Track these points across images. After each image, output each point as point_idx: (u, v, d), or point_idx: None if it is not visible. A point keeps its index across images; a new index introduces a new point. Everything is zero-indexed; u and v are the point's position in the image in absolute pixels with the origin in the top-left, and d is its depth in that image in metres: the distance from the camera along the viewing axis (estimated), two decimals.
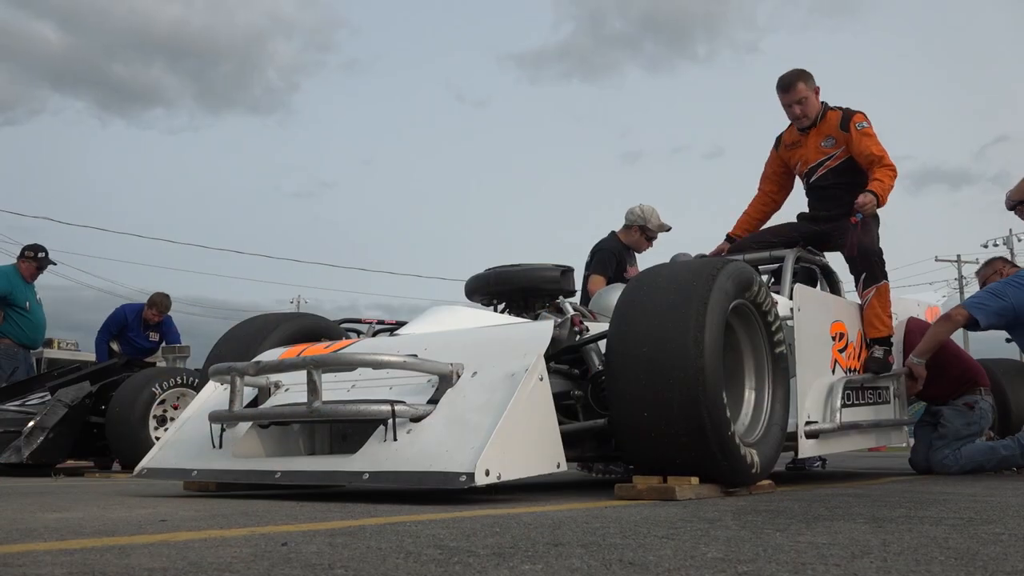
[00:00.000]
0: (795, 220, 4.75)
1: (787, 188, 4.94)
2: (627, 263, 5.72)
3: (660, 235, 5.88)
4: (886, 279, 4.49)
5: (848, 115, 4.53)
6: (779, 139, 4.85)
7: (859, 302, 4.50)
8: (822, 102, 4.62)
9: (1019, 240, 33.30)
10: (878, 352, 4.41)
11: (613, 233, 5.85)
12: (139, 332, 8.03)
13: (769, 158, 4.93)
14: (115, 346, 8.00)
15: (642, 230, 5.79)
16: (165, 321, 8.17)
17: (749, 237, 4.80)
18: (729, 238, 4.89)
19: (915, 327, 4.91)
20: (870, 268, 4.43)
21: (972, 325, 4.75)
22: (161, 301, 8.08)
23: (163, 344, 8.07)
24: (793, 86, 4.56)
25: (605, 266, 5.58)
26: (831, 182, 4.57)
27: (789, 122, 4.72)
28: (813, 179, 4.64)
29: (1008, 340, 5.24)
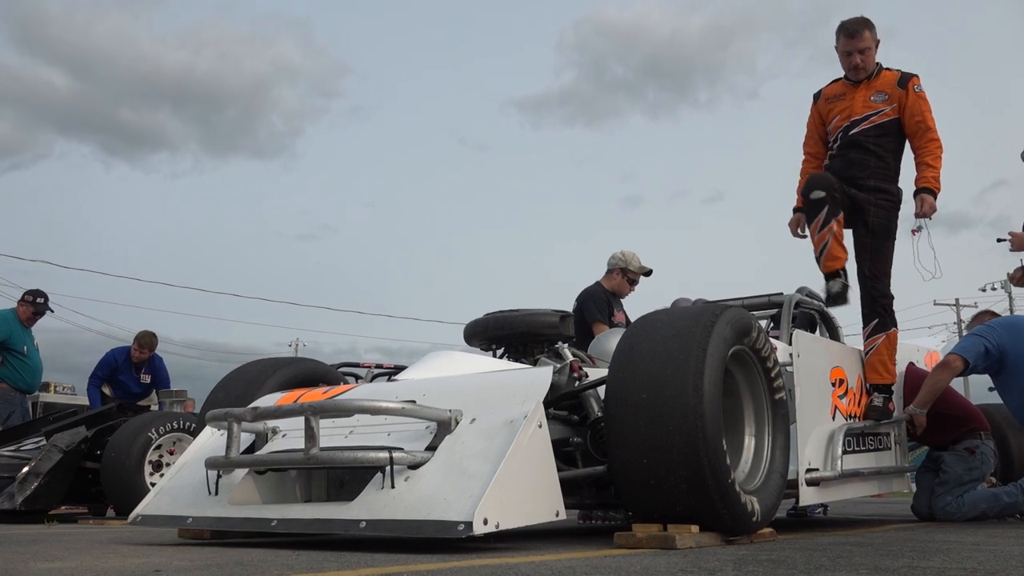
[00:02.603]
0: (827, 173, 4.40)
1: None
2: (615, 308, 5.77)
3: (666, 282, 5.95)
4: (895, 326, 4.39)
5: (907, 75, 4.34)
6: (819, 93, 4.60)
7: (861, 347, 4.47)
8: (877, 64, 4.42)
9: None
10: (878, 400, 4.37)
11: (597, 282, 5.93)
12: (130, 375, 7.95)
13: (810, 116, 4.67)
14: (107, 391, 7.94)
15: (623, 273, 5.89)
16: (154, 360, 8.07)
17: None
18: (797, 210, 4.63)
19: (915, 373, 4.90)
20: (881, 314, 4.33)
21: (964, 368, 4.76)
22: (144, 338, 7.96)
23: (156, 388, 8.00)
24: (860, 33, 4.31)
25: (601, 313, 5.62)
26: (871, 140, 4.33)
27: (830, 81, 4.53)
28: (852, 132, 4.37)
29: (991, 389, 5.25)
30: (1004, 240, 4.93)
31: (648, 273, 6.01)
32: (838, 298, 4.27)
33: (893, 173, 4.42)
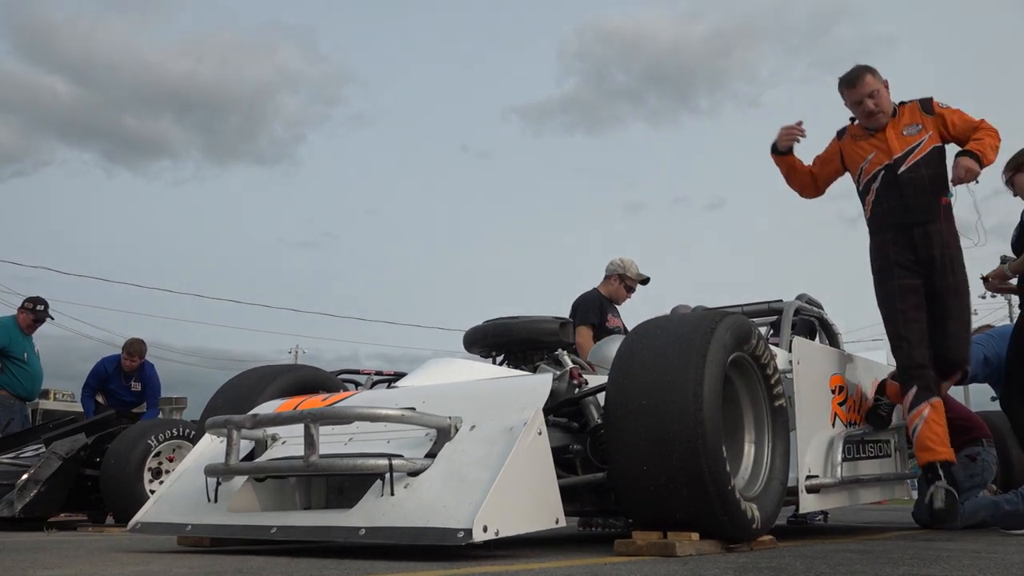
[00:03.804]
0: (888, 235, 4.06)
1: (827, 184, 4.38)
2: (608, 314, 5.81)
3: (666, 288, 5.99)
4: (938, 393, 4.00)
5: (926, 99, 4.09)
6: (843, 130, 4.28)
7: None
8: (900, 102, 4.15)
9: None
10: (884, 409, 4.30)
11: (595, 288, 6.01)
12: (120, 383, 7.84)
13: (826, 152, 4.33)
14: (100, 399, 7.89)
15: (621, 279, 5.97)
16: (145, 368, 7.94)
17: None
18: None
19: None
20: (922, 380, 3.95)
21: (963, 376, 4.76)
22: (133, 345, 7.84)
23: (147, 396, 7.92)
24: (860, 79, 4.09)
25: (588, 316, 5.68)
26: (922, 173, 4.00)
27: (855, 120, 4.24)
28: (901, 171, 4.01)
29: (993, 399, 5.25)
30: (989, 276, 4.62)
31: (645, 281, 6.07)
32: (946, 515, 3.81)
33: (952, 217, 4.09)
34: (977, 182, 4.01)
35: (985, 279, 4.67)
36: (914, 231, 3.99)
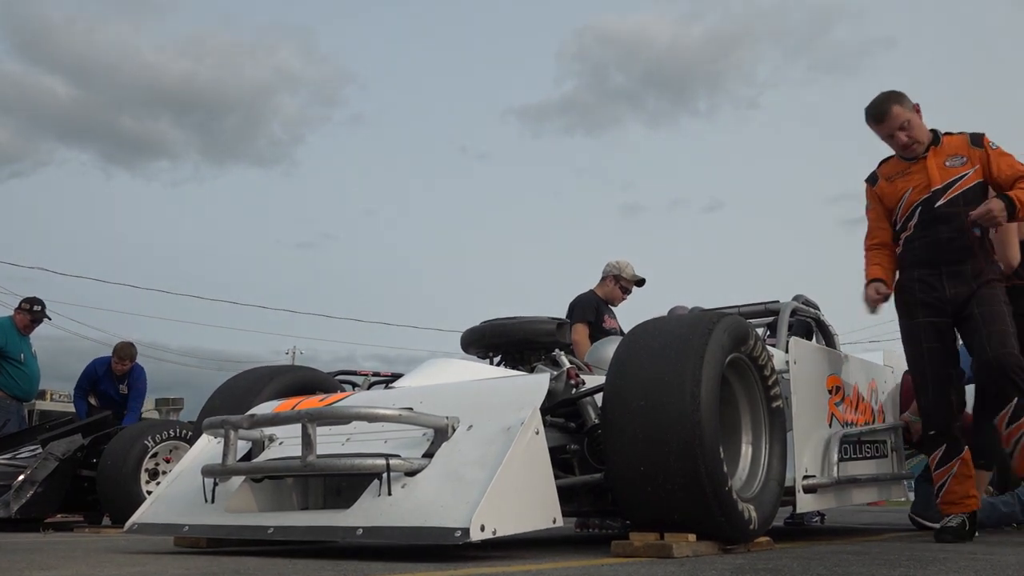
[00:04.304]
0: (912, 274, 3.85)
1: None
2: (605, 315, 5.84)
3: (664, 289, 6.02)
4: (965, 447, 3.83)
5: (977, 134, 3.81)
6: (874, 176, 4.04)
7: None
8: (933, 130, 3.88)
9: None
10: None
11: (591, 289, 6.07)
12: (111, 384, 7.79)
13: (869, 206, 4.07)
14: (93, 401, 7.87)
15: (616, 280, 6.02)
16: (134, 371, 7.87)
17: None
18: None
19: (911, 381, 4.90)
20: (950, 437, 3.79)
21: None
22: (123, 349, 7.79)
23: (131, 399, 7.88)
24: (887, 113, 3.82)
25: (585, 314, 5.72)
26: (960, 209, 3.71)
27: (881, 161, 4.02)
28: (938, 204, 3.75)
29: None
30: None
31: (641, 282, 6.10)
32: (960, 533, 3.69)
33: (989, 248, 3.84)
34: (995, 231, 3.85)
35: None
36: (943, 270, 3.76)
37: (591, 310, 5.81)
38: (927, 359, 3.81)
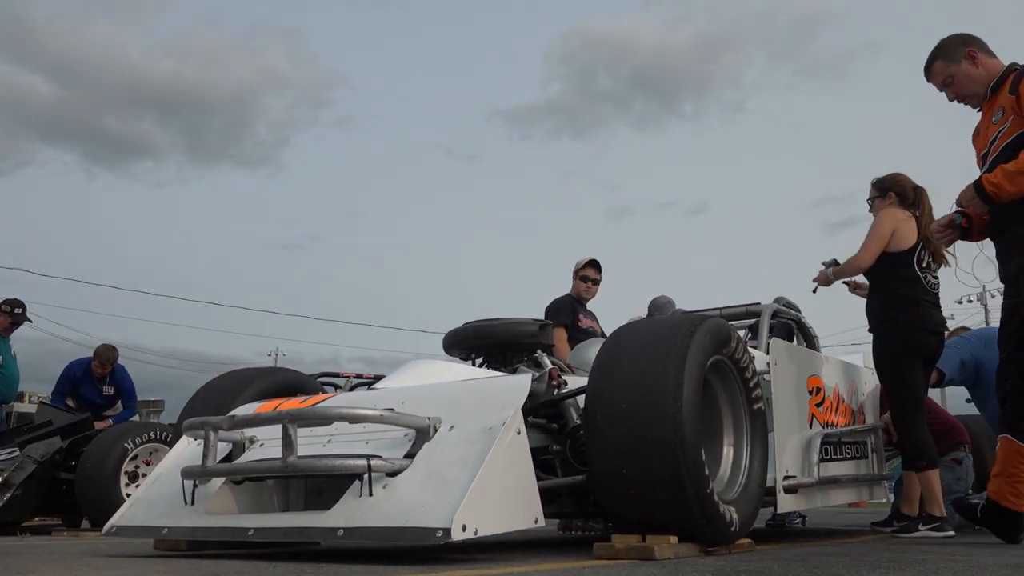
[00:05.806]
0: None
1: None
2: (580, 314, 5.93)
3: (649, 291, 6.06)
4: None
5: (1018, 77, 3.39)
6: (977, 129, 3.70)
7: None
8: (1011, 64, 3.51)
9: (992, 296, 33.73)
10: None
11: (567, 293, 6.13)
12: (91, 387, 7.69)
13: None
14: (71, 403, 7.78)
15: (575, 275, 6.11)
16: (117, 372, 7.79)
17: None
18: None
19: None
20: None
21: (939, 379, 4.80)
22: (104, 353, 7.70)
23: (122, 400, 7.81)
24: (929, 69, 3.65)
25: (559, 317, 5.79)
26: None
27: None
28: (986, 167, 3.50)
29: (968, 400, 5.30)
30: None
31: (593, 263, 6.10)
32: None
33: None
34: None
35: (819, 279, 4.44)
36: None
37: (566, 312, 5.88)
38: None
